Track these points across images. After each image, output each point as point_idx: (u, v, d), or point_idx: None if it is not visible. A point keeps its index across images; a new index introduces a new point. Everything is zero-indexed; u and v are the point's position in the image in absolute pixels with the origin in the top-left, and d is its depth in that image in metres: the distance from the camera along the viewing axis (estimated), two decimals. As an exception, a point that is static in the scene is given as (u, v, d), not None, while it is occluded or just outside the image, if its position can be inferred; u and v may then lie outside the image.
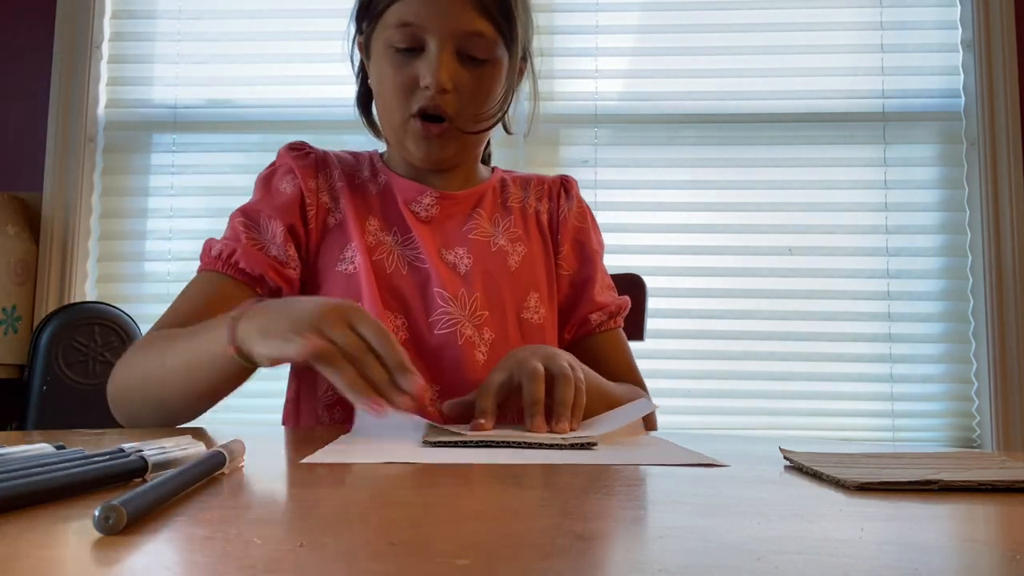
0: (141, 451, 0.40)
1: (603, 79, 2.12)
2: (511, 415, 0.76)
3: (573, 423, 0.70)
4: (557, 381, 0.71)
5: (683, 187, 2.08)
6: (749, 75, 2.09)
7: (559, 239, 1.00)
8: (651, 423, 0.92)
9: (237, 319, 0.68)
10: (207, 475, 0.40)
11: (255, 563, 0.26)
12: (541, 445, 0.58)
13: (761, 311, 2.03)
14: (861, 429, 2.01)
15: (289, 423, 0.95)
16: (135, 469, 0.39)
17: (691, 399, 2.00)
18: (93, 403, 1.82)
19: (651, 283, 1.22)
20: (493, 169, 1.05)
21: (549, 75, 2.05)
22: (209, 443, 0.46)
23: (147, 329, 0.86)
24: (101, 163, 2.15)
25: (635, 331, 1.11)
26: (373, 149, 1.03)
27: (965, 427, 2.00)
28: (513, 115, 1.00)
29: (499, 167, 1.06)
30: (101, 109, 2.16)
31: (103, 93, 2.17)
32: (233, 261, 0.86)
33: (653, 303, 1.36)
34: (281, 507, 0.38)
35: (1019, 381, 1.96)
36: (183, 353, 0.75)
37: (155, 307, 2.02)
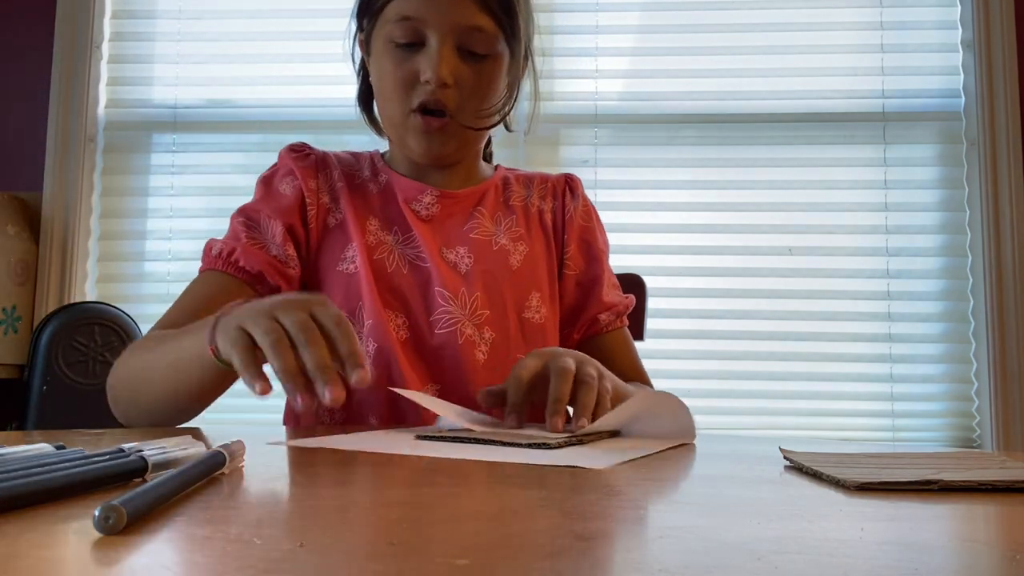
0: (141, 451, 0.40)
1: (603, 79, 2.12)
2: (534, 411, 0.75)
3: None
4: (581, 387, 0.71)
5: (683, 187, 2.08)
6: (749, 75, 2.09)
7: (565, 239, 1.00)
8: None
9: (218, 320, 0.66)
10: (207, 475, 0.40)
11: (255, 563, 0.26)
12: (531, 445, 0.58)
13: (761, 311, 2.03)
14: (861, 429, 2.01)
15: (289, 423, 0.95)
16: (135, 469, 0.39)
17: (691, 399, 1.97)
18: (93, 403, 1.82)
19: (651, 283, 1.22)
20: (496, 167, 1.04)
21: (549, 75, 2.05)
22: (209, 443, 0.46)
23: (147, 329, 0.86)
24: (101, 163, 2.15)
25: (635, 331, 1.11)
26: (374, 149, 1.03)
27: (965, 427, 2.00)
28: (514, 113, 1.00)
29: (502, 165, 1.06)
30: (101, 109, 2.16)
31: (103, 93, 2.17)
32: (233, 260, 0.86)
33: (653, 303, 1.36)
34: (281, 507, 0.38)
35: (1019, 381, 1.96)
36: (170, 354, 0.75)
37: (155, 307, 2.02)
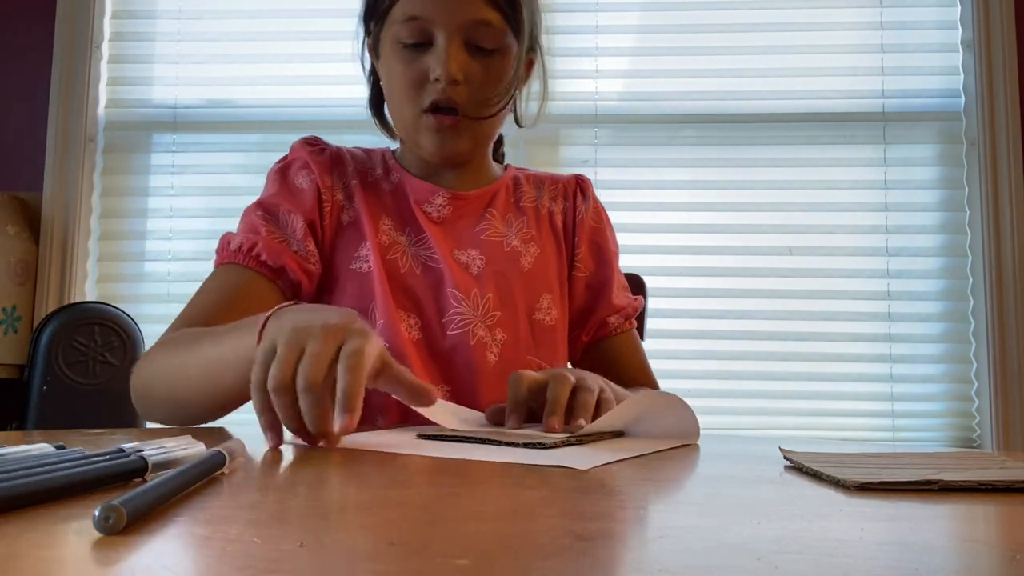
0: (141, 451, 0.40)
1: (603, 79, 2.12)
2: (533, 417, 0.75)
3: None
4: (581, 390, 0.71)
5: (683, 187, 2.09)
6: (749, 75, 2.09)
7: (576, 241, 1.00)
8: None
9: (262, 329, 0.63)
10: (207, 475, 0.40)
11: (255, 563, 0.26)
12: (527, 444, 0.58)
13: (761, 311, 2.03)
14: (861, 429, 2.01)
15: None
16: (135, 469, 0.39)
17: (691, 399, 1.96)
18: (93, 403, 1.82)
19: (651, 283, 1.23)
20: (506, 167, 1.04)
21: (550, 75, 2.05)
22: (209, 443, 0.46)
23: (148, 328, 0.86)
24: (101, 163, 2.15)
25: (635, 331, 1.11)
26: (385, 147, 1.02)
27: (965, 427, 2.00)
28: (525, 109, 0.99)
29: (511, 164, 1.06)
30: (101, 109, 2.16)
31: (103, 93, 2.17)
32: (255, 254, 0.85)
33: (653, 303, 1.36)
34: (281, 507, 0.38)
35: (1019, 381, 1.96)
36: (206, 356, 0.72)
37: (155, 307, 2.02)
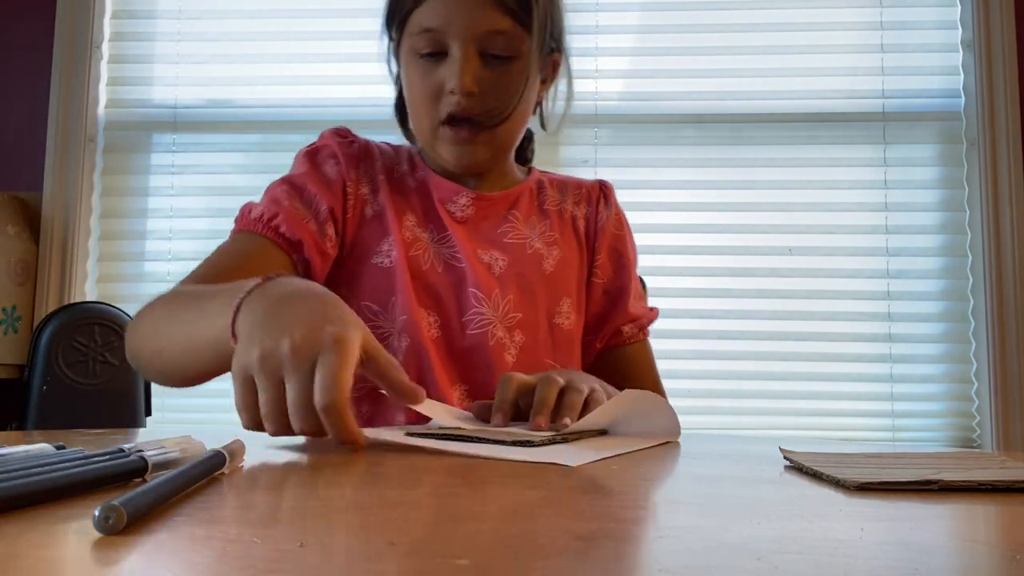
0: (141, 451, 0.40)
1: (603, 79, 2.12)
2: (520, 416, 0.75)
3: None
4: (569, 390, 0.71)
5: (683, 187, 2.09)
6: (749, 75, 2.09)
7: (596, 247, 1.00)
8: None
9: (237, 309, 0.62)
10: (207, 475, 0.40)
11: (255, 563, 0.26)
12: (515, 442, 0.58)
13: (761, 311, 2.03)
14: (861, 429, 2.01)
15: None
16: (135, 469, 0.39)
17: (691, 399, 2.00)
18: (93, 403, 1.82)
19: (651, 283, 1.22)
20: (530, 169, 1.04)
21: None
22: (209, 443, 0.46)
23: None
24: (101, 163, 2.15)
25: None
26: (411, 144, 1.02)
27: (965, 427, 2.00)
28: (551, 112, 0.99)
29: (536, 167, 1.05)
30: (101, 109, 2.16)
31: (103, 93, 2.17)
32: (274, 224, 0.85)
33: (653, 303, 1.36)
34: (281, 507, 0.38)
35: (1019, 381, 1.96)
36: (188, 326, 0.70)
37: (155, 307, 2.02)
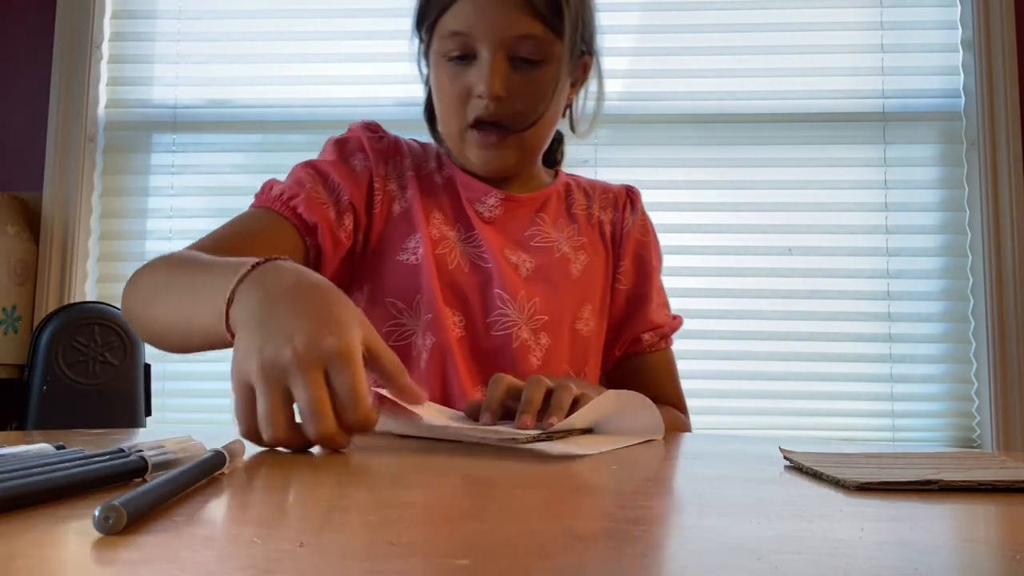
0: (141, 451, 0.40)
1: (603, 79, 2.11)
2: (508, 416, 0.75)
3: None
4: (557, 389, 0.71)
5: (683, 187, 2.08)
6: (749, 75, 2.09)
7: (621, 252, 1.00)
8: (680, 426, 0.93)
9: (231, 299, 0.59)
10: (207, 475, 0.40)
11: (255, 563, 0.26)
12: (501, 440, 0.58)
13: (761, 311, 2.03)
14: (861, 429, 2.01)
15: None
16: (135, 469, 0.39)
17: (691, 399, 1.98)
18: (93, 403, 1.82)
19: (651, 283, 1.22)
20: (557, 172, 1.03)
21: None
22: (209, 443, 0.46)
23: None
24: (101, 163, 2.15)
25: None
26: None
27: (965, 427, 2.00)
28: (581, 114, 0.99)
29: (563, 170, 1.05)
30: (101, 109, 2.16)
31: (103, 93, 2.17)
32: (293, 205, 0.84)
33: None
34: (281, 507, 0.38)
35: (1019, 381, 1.96)
36: (182, 305, 0.68)
37: (155, 307, 2.02)
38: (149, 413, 1.90)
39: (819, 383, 2.01)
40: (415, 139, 0.99)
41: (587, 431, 0.70)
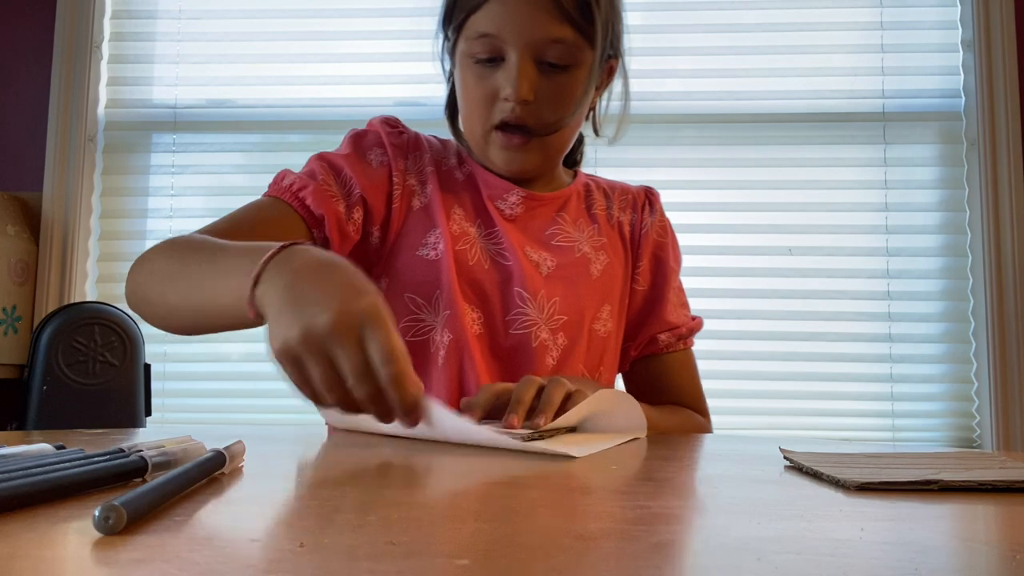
0: (141, 451, 0.40)
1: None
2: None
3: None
4: (549, 384, 0.70)
5: (682, 187, 2.08)
6: (749, 75, 2.09)
7: (639, 253, 0.99)
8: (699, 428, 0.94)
9: (257, 279, 0.60)
10: (207, 475, 0.40)
11: (255, 563, 0.26)
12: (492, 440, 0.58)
13: (761, 311, 2.03)
14: (861, 429, 2.01)
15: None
16: (135, 469, 0.39)
17: (691, 399, 2.00)
18: (93, 403, 1.82)
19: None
20: (576, 172, 1.03)
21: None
22: (209, 443, 0.46)
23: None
24: (101, 163, 2.15)
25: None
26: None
27: (965, 427, 2.00)
28: (604, 116, 0.99)
29: (581, 171, 1.04)
30: (101, 109, 2.16)
31: (103, 93, 2.17)
32: (301, 196, 0.84)
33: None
34: (281, 507, 0.38)
35: (1019, 381, 1.96)
36: (202, 285, 0.68)
37: (155, 307, 2.02)
38: (149, 413, 1.90)
39: (819, 383, 2.01)
40: (435, 136, 0.99)
41: (571, 430, 0.70)
